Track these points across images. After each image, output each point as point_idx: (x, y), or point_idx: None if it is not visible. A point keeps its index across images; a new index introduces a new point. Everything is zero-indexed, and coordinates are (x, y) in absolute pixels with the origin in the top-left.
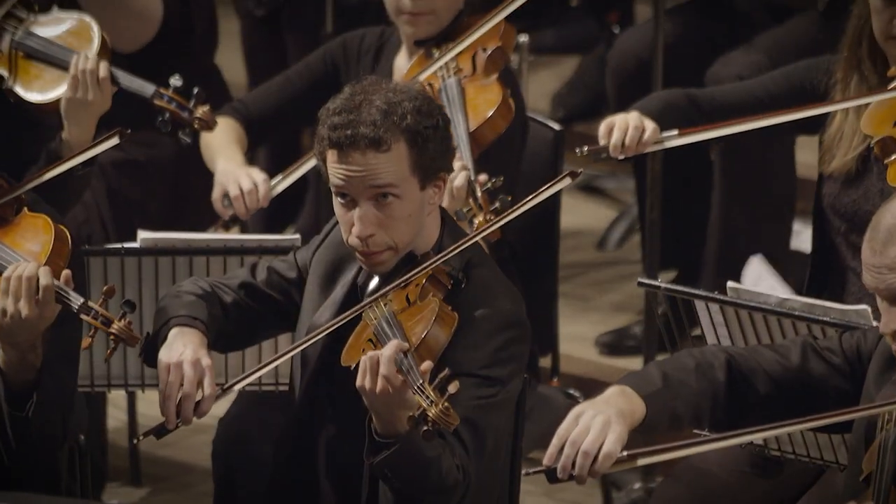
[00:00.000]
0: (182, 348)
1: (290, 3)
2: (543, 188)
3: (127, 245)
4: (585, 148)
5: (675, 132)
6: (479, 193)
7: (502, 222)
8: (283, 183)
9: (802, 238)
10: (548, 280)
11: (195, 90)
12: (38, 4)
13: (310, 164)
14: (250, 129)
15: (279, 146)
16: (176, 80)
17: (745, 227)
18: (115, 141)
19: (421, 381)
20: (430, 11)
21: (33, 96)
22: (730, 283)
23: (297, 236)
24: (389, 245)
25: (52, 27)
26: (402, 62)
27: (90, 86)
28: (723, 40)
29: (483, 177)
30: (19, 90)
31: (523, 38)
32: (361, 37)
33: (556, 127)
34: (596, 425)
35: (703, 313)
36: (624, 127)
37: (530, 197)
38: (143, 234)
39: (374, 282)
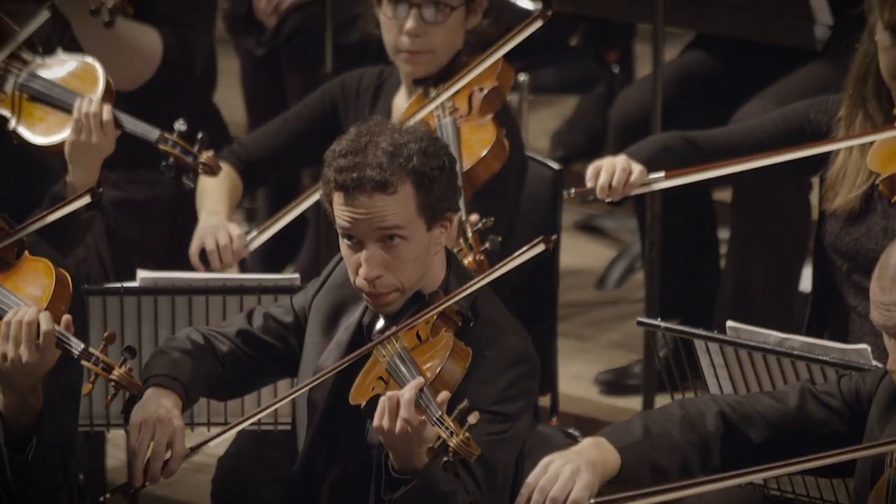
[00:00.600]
0: (155, 408)
1: (290, 42)
2: (516, 254)
3: (126, 284)
4: (573, 190)
5: (662, 174)
6: (469, 233)
7: (483, 283)
8: (258, 238)
9: (802, 277)
10: (547, 319)
11: (199, 135)
12: (42, 46)
13: (287, 218)
14: (247, 172)
15: (279, 187)
16: (180, 125)
17: (758, 273)
18: (86, 199)
19: (440, 413)
20: (429, 50)
21: (37, 139)
22: (729, 323)
23: (297, 276)
24: (397, 286)
25: (57, 69)
26: (400, 101)
27: (94, 129)
28: (738, 85)
29: (474, 217)
30: (23, 132)
31: (523, 78)
32: (360, 76)
33: (556, 166)
34: (564, 473)
35: (702, 355)
36: (611, 169)
37: (504, 262)
38: (142, 274)
39: (381, 322)
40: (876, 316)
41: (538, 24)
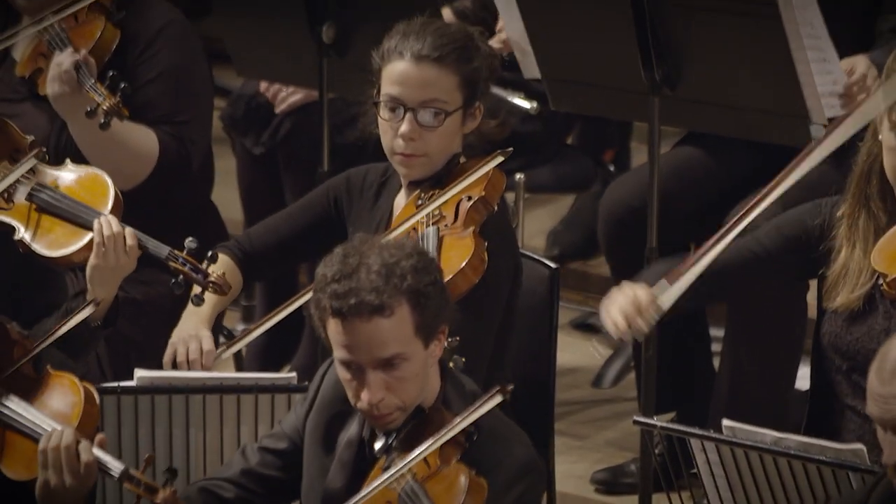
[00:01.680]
0: None
1: (287, 141)
2: (476, 405)
3: (123, 384)
4: (594, 341)
5: (665, 282)
6: None
7: (455, 431)
8: (227, 351)
9: (798, 375)
10: (544, 417)
11: (209, 253)
12: (48, 155)
13: (257, 332)
14: (249, 265)
15: (276, 287)
16: (190, 243)
17: (754, 372)
18: None
19: None
20: (423, 154)
21: (45, 251)
22: (725, 422)
23: (293, 375)
24: (399, 406)
25: (66, 180)
26: (401, 200)
27: (118, 252)
28: (733, 179)
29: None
30: (31, 243)
31: (519, 176)
32: (365, 173)
33: (552, 265)
34: None
35: (699, 453)
36: (621, 308)
37: (467, 413)
38: (140, 373)
39: (382, 440)
40: (873, 409)
41: (499, 159)
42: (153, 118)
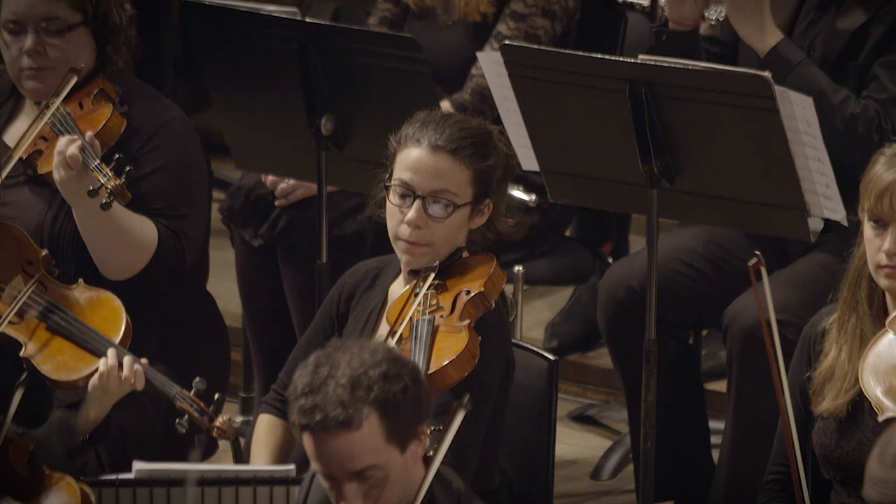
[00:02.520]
0: None
1: (286, 234)
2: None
3: (122, 476)
4: None
5: None
6: None
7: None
8: None
9: None
10: None
11: (216, 395)
12: (58, 270)
13: None
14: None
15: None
16: (199, 384)
17: (753, 463)
18: None
19: None
20: (427, 243)
21: (51, 373)
22: None
23: (292, 466)
24: None
25: (77, 300)
26: (397, 287)
27: (122, 385)
28: (737, 265)
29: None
30: (37, 363)
31: (518, 268)
32: (356, 270)
33: (551, 357)
34: None
35: None
36: None
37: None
38: (138, 465)
39: None
40: (872, 493)
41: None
42: (151, 210)
